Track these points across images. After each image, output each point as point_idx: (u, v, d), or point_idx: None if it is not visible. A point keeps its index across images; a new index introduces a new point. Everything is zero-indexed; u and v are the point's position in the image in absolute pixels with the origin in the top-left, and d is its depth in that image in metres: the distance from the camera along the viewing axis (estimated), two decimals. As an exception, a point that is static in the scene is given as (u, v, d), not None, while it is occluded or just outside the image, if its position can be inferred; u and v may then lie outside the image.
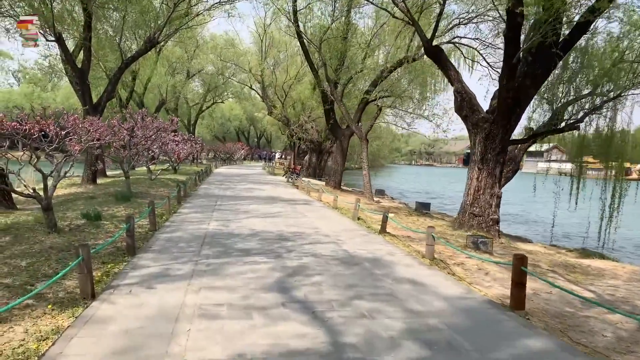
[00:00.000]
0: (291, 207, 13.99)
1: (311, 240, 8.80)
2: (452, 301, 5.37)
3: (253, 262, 6.81)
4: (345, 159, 26.34)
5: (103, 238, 8.53)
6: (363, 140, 20.50)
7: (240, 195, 17.56)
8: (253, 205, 14.07)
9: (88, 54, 18.71)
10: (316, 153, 37.28)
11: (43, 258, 6.90)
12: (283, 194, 18.95)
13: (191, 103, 51.39)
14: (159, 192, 17.39)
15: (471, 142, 13.24)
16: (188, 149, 26.17)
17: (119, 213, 11.75)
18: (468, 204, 12.84)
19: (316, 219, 11.73)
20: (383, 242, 8.95)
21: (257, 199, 16.14)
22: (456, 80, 13.29)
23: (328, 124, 25.76)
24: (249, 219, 11.20)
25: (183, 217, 11.30)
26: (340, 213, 13.50)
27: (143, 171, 26.48)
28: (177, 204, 13.92)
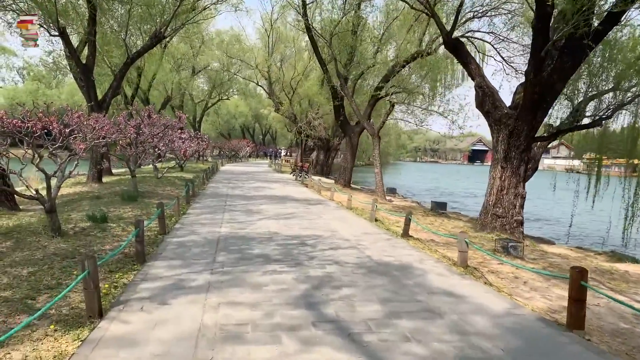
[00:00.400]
0: (304, 208, 13.44)
1: (331, 244, 8.24)
2: (500, 319, 4.80)
3: (273, 271, 6.25)
4: (355, 157, 25.78)
5: (110, 243, 8.01)
6: (375, 137, 19.90)
7: (250, 194, 17.02)
8: (264, 206, 13.53)
9: (93, 48, 18.20)
10: (324, 150, 36.67)
11: (46, 266, 6.38)
12: (293, 193, 18.39)
13: (196, 100, 50.91)
14: (166, 191, 16.88)
15: (493, 139, 12.62)
16: (195, 146, 25.66)
17: (126, 214, 11.23)
18: (491, 204, 12.24)
19: (332, 221, 11.17)
20: (408, 247, 8.37)
21: (267, 199, 15.60)
22: (477, 75, 12.68)
23: (338, 121, 25.19)
24: (263, 221, 10.65)
25: (193, 219, 10.76)
26: (356, 214, 12.94)
27: (149, 169, 26.02)
28: (186, 204, 13.40)
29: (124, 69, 19.46)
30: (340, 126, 26.05)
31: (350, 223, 11.02)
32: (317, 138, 34.10)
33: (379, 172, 19.85)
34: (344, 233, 9.47)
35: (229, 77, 47.37)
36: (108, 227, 9.44)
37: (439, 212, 16.10)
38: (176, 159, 27.90)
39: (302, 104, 34.76)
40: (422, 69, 19.77)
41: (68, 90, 54.73)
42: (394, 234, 9.80)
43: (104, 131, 9.33)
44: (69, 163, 8.92)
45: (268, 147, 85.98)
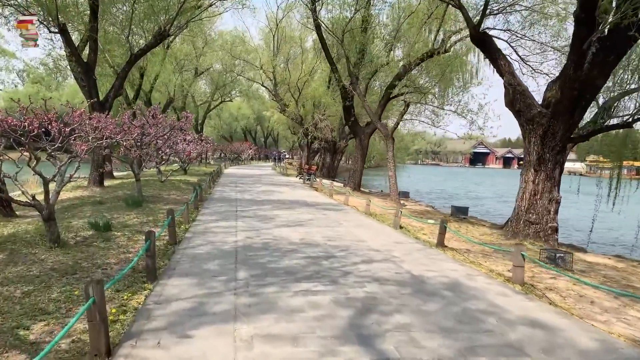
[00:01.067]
0: (321, 214, 12.56)
1: (362, 256, 7.36)
2: (598, 356, 3.93)
3: (307, 291, 5.38)
4: (365, 159, 24.96)
5: (115, 255, 7.13)
6: (389, 139, 19.04)
7: (260, 198, 16.15)
8: (278, 211, 12.65)
9: (94, 45, 17.38)
10: (330, 153, 35.85)
11: (42, 285, 5.52)
12: (304, 197, 17.52)
13: (199, 102, 50.13)
14: (171, 196, 16.01)
15: (525, 140, 11.76)
16: (199, 148, 24.82)
17: (131, 221, 10.37)
18: (523, 210, 11.37)
19: (355, 228, 10.30)
20: (447, 260, 7.50)
21: (279, 203, 14.73)
22: (507, 72, 11.83)
23: (348, 122, 24.34)
24: (280, 229, 9.77)
25: (204, 227, 9.89)
26: (378, 220, 12.07)
27: (152, 173, 25.18)
28: (194, 210, 12.54)
29: (127, 67, 18.63)
30: (350, 127, 25.20)
31: (374, 231, 10.15)
32: (324, 140, 33.24)
33: (393, 176, 18.99)
34: (372, 243, 8.59)
35: (232, 78, 46.64)
36: (112, 236, 8.57)
37: (460, 217, 15.22)
38: (180, 162, 27.06)
39: (307, 106, 33.91)
40: (438, 66, 18.93)
41: (68, 93, 53.90)
42: (426, 244, 8.92)
43: (107, 131, 8.46)
44: (69, 166, 8.07)
45: (272, 150, 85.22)
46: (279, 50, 34.22)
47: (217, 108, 63.70)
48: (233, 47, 36.49)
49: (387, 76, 24.11)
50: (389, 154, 19.11)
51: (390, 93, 21.79)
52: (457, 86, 20.16)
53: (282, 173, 35.85)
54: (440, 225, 8.51)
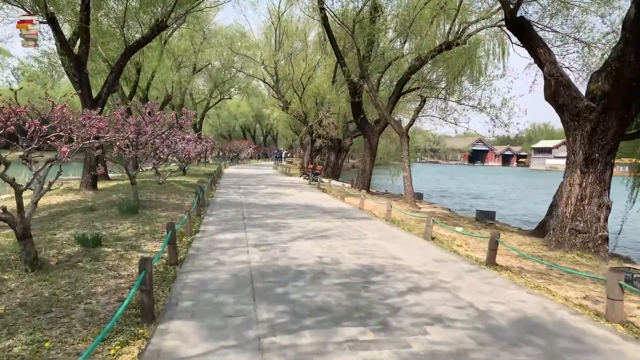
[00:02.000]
0: (339, 221, 11.24)
1: (405, 281, 6.04)
2: None
3: (354, 343, 4.04)
4: (374, 158, 23.64)
5: (103, 281, 5.80)
6: (403, 137, 17.71)
7: (267, 202, 14.81)
8: (290, 219, 11.31)
9: (86, 37, 16.03)
10: (335, 151, 34.53)
11: (5, 332, 4.19)
12: (314, 200, 16.20)
13: (197, 99, 48.76)
14: (170, 200, 14.67)
15: (569, 137, 10.45)
16: (199, 148, 23.49)
17: (125, 232, 9.04)
18: (568, 216, 10.06)
19: (382, 241, 8.98)
20: (508, 284, 6.17)
21: (289, 208, 13.40)
22: (548, 61, 10.50)
23: (357, 119, 23.02)
24: (297, 242, 8.44)
25: (210, 240, 8.55)
26: (403, 228, 10.76)
27: (149, 174, 23.84)
28: (197, 217, 11.20)
29: (121, 61, 17.25)
30: (358, 125, 23.87)
31: (405, 243, 8.82)
32: (329, 138, 31.89)
33: (409, 176, 17.66)
34: (410, 261, 7.27)
35: (231, 75, 45.29)
36: (102, 253, 7.24)
37: (487, 222, 13.92)
38: (179, 162, 25.70)
39: (311, 102, 32.54)
40: (457, 58, 17.58)
41: (64, 91, 52.34)
42: (471, 260, 7.59)
43: (94, 129, 7.11)
44: (50, 170, 6.75)
45: (272, 149, 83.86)
46: (280, 45, 32.86)
47: (216, 106, 62.35)
48: (233, 42, 35.08)
49: (396, 70, 22.80)
50: (403, 153, 17.79)
51: (401, 88, 20.47)
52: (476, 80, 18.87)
53: (284, 173, 34.51)
54: (490, 240, 7.18)
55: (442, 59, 18.80)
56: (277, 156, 56.91)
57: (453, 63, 18.50)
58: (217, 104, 53.83)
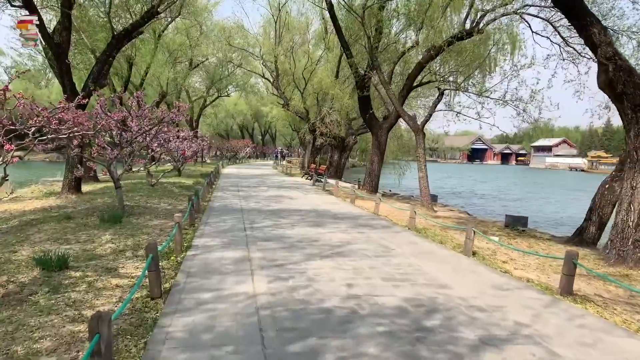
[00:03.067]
0: (356, 231, 9.61)
1: (471, 328, 4.42)
2: None
3: None
4: (383, 157, 22.04)
5: (55, 329, 4.18)
6: (419, 133, 16.10)
7: (271, 207, 13.19)
8: (300, 229, 9.68)
9: (67, 23, 14.35)
10: (338, 150, 32.88)
11: None
12: (323, 204, 14.58)
13: (194, 97, 47.09)
14: (162, 205, 13.03)
15: (629, 132, 8.86)
16: (195, 146, 21.86)
17: (102, 249, 7.41)
18: (631, 225, 8.47)
19: (415, 258, 7.37)
20: (610, 328, 4.56)
21: (297, 215, 11.78)
22: (604, 42, 8.90)
23: (364, 115, 21.41)
24: (313, 262, 6.81)
25: (204, 260, 6.90)
26: (433, 239, 9.15)
27: (142, 175, 22.22)
28: (189, 227, 9.58)
29: (108, 51, 15.57)
30: (366, 122, 22.25)
31: (445, 262, 7.20)
32: (332, 136, 30.23)
33: (424, 177, 16.06)
34: (461, 290, 5.65)
35: (229, 72, 43.68)
36: (66, 280, 5.64)
37: (520, 229, 12.32)
38: (173, 162, 24.05)
39: (312, 99, 30.89)
40: (475, 49, 16.00)
41: (58, 90, 50.72)
42: (542, 289, 5.95)
43: (53, 122, 5.48)
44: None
45: (270, 148, 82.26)
46: (280, 40, 31.18)
47: (213, 104, 60.64)
48: (230, 36, 33.39)
49: (406, 63, 21.18)
50: (419, 151, 16.18)
51: (412, 81, 18.88)
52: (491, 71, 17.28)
53: (285, 173, 32.87)
54: (566, 262, 5.54)
55: (458, 49, 17.23)
56: (277, 155, 55.21)
57: (471, 54, 16.94)
58: (215, 102, 52.17)
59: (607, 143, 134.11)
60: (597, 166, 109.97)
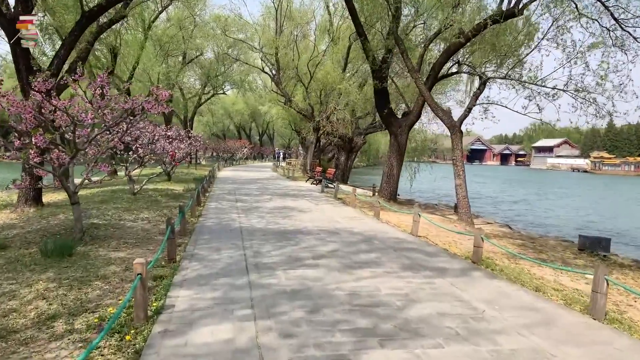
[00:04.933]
0: (413, 275, 6.59)
1: None
2: None
3: None
4: (402, 160, 19.16)
5: None
6: (456, 131, 13.25)
7: (279, 227, 10.26)
8: (328, 271, 6.71)
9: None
10: (345, 151, 29.97)
11: None
12: (342, 219, 11.71)
13: (188, 95, 44.15)
14: (138, 224, 10.10)
15: None
16: (185, 148, 18.95)
17: (16, 317, 4.51)
18: None
19: (531, 333, 4.47)
20: None
21: (315, 240, 8.87)
22: None
23: (381, 112, 18.53)
24: (372, 355, 3.91)
25: (181, 351, 3.97)
26: (528, 286, 6.25)
27: (123, 180, 19.39)
28: (167, 265, 6.68)
29: (77, 31, 12.62)
30: (383, 119, 19.36)
31: (583, 344, 4.31)
32: (338, 136, 27.32)
33: (463, 185, 13.20)
34: None
35: (226, 67, 40.81)
36: None
37: (602, 255, 9.46)
38: (163, 165, 21.10)
39: (314, 96, 27.97)
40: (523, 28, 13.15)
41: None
42: None
43: None
44: None
45: (273, 148, 79.40)
46: (281, 30, 28.27)
47: (209, 103, 57.59)
48: (227, 25, 30.46)
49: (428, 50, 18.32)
50: (455, 153, 13.32)
51: (438, 72, 16.06)
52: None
53: (286, 176, 29.93)
54: None
55: (494, 33, 14.43)
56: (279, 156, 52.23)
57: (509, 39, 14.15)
58: (210, 100, 49.28)
59: (610, 144, 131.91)
60: (600, 167, 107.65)
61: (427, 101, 13.54)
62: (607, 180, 70.98)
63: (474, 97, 13.25)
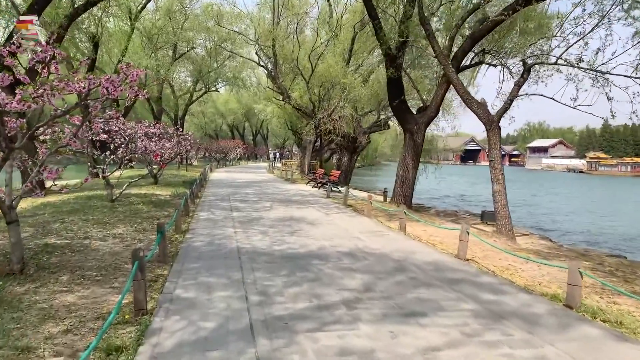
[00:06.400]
0: (511, 345, 4.45)
1: None
2: None
3: None
4: (419, 161, 17.05)
5: None
6: (493, 127, 11.12)
7: (287, 248, 8.04)
8: (366, 319, 4.58)
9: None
10: (349, 152, 27.79)
11: None
12: (362, 234, 9.54)
13: (179, 92, 41.82)
14: (109, 244, 7.86)
15: None
16: (172, 147, 16.70)
17: None
18: None
19: None
20: None
21: (337, 269, 6.69)
22: None
23: (393, 104, 16.38)
24: None
25: None
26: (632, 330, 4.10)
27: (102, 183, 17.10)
28: (136, 316, 4.47)
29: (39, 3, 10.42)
30: (397, 115, 17.24)
31: None
32: (341, 135, 25.12)
33: (503, 192, 11.07)
34: None
35: (218, 63, 38.56)
36: None
37: None
38: (148, 167, 18.82)
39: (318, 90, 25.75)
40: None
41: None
42: None
43: None
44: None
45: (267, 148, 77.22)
46: (279, 19, 26.05)
47: (202, 103, 55.21)
48: (220, 16, 28.18)
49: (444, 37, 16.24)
50: (493, 153, 11.19)
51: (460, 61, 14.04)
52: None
53: (285, 178, 27.68)
54: None
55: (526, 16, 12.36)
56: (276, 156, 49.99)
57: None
58: (202, 97, 46.94)
59: (606, 144, 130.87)
60: (597, 167, 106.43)
61: (459, 92, 11.39)
62: (607, 180, 69.72)
63: (516, 86, 11.08)
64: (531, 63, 11.02)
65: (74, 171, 21.83)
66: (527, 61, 11.09)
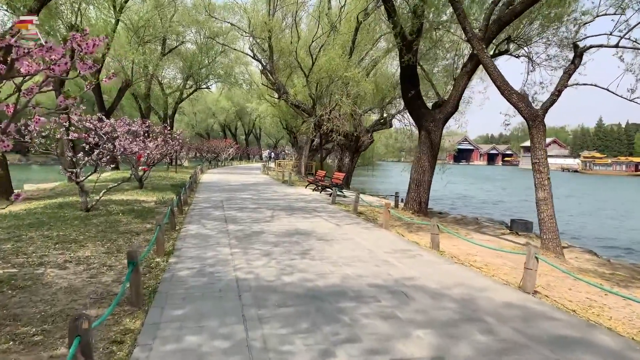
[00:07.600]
0: None
1: None
2: None
3: None
4: (435, 162, 15.28)
5: None
6: (538, 123, 9.36)
7: (303, 280, 6.19)
8: None
9: None
10: (350, 152, 25.95)
11: None
12: (387, 255, 7.74)
13: (168, 89, 39.76)
14: (68, 273, 5.99)
15: None
16: (157, 148, 14.78)
17: None
18: None
19: None
20: None
21: (378, 317, 4.88)
22: None
23: (407, 97, 14.62)
24: None
25: None
26: None
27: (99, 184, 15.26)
28: None
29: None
30: (411, 110, 15.49)
31: None
32: (343, 134, 23.29)
33: (548, 200, 9.31)
34: None
35: (210, 59, 36.60)
36: None
37: None
38: (132, 169, 16.87)
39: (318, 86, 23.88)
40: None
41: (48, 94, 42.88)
42: None
43: None
44: None
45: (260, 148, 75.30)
46: (276, 8, 24.15)
47: (192, 101, 53.15)
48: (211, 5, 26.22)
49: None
50: (537, 153, 9.43)
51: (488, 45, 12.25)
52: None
53: (282, 180, 25.77)
54: None
55: None
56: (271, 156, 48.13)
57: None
58: (193, 95, 44.91)
59: (601, 143, 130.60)
60: (592, 167, 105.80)
61: (497, 82, 9.59)
62: (604, 180, 68.98)
63: (566, 74, 9.31)
64: (586, 46, 9.24)
65: (41, 173, 19.90)
66: (577, 46, 9.30)
